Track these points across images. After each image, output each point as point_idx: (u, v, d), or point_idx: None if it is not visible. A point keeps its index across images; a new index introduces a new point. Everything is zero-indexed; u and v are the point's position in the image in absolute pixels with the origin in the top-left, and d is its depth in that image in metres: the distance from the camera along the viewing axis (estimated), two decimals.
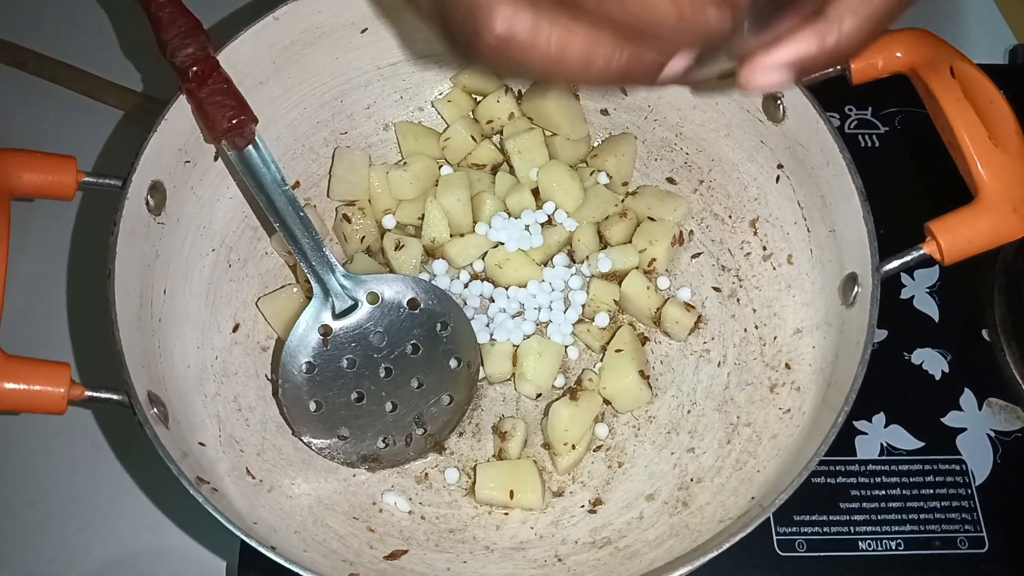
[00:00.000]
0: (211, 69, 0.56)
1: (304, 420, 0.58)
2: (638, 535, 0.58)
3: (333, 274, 0.58)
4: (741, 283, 0.65)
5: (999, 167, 0.53)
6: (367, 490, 0.60)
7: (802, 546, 0.62)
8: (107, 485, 0.67)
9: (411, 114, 0.70)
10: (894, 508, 0.63)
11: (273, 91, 0.63)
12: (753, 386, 0.61)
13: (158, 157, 0.57)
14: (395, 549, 0.58)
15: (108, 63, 0.80)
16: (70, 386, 0.50)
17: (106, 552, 0.66)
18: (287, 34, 0.62)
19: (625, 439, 0.62)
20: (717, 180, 0.67)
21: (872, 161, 0.73)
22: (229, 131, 0.56)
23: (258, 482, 0.58)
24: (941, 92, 0.55)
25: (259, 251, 0.66)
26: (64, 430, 0.68)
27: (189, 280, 0.61)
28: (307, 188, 0.68)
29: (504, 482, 0.59)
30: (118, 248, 0.54)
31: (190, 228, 0.61)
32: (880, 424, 0.66)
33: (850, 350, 0.54)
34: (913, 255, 0.54)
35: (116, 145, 0.77)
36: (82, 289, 0.73)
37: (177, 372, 0.58)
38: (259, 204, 0.57)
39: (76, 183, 0.55)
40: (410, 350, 0.59)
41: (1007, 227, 0.53)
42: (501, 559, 0.58)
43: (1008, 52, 0.83)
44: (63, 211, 0.74)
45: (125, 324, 0.53)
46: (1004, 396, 0.67)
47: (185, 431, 0.55)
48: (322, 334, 0.58)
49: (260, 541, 0.48)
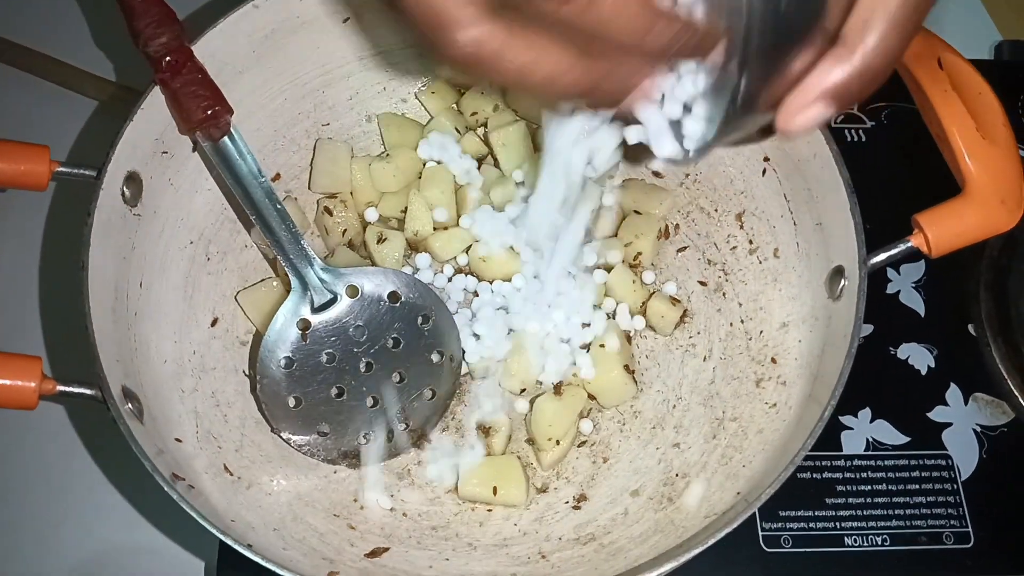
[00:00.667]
0: (185, 59, 0.55)
1: (283, 416, 0.57)
2: (623, 531, 0.57)
3: (312, 267, 0.57)
4: (727, 277, 0.65)
5: (987, 159, 0.53)
6: (348, 487, 0.59)
7: (788, 542, 0.62)
8: (82, 483, 0.66)
9: (394, 105, 0.69)
10: (880, 503, 0.63)
11: (253, 81, 0.62)
12: (739, 380, 0.61)
13: (134, 147, 0.56)
14: (376, 547, 0.57)
15: (82, 52, 0.79)
16: (41, 380, 0.49)
17: (83, 550, 0.64)
18: (267, 22, 0.61)
19: (610, 434, 0.62)
20: (703, 173, 0.66)
21: (859, 156, 0.72)
22: (203, 122, 0.55)
23: (236, 479, 0.57)
24: (929, 84, 0.55)
25: (238, 244, 0.64)
26: (36, 426, 0.67)
27: (166, 273, 0.60)
28: (288, 180, 0.67)
29: (487, 478, 0.58)
30: (92, 240, 0.53)
31: (168, 220, 0.60)
32: (866, 419, 0.66)
33: (836, 344, 0.53)
34: (900, 248, 0.54)
35: (91, 135, 0.76)
36: (55, 282, 0.71)
37: (153, 367, 0.57)
38: (236, 197, 0.56)
39: (49, 173, 0.54)
40: (391, 344, 0.58)
41: (995, 219, 0.53)
42: (484, 556, 0.57)
43: (993, 48, 0.83)
44: (36, 202, 0.73)
45: (99, 317, 0.52)
46: (990, 391, 0.67)
47: (161, 427, 0.54)
48: (301, 328, 0.57)
49: (237, 539, 0.47)
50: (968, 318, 0.69)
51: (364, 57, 0.66)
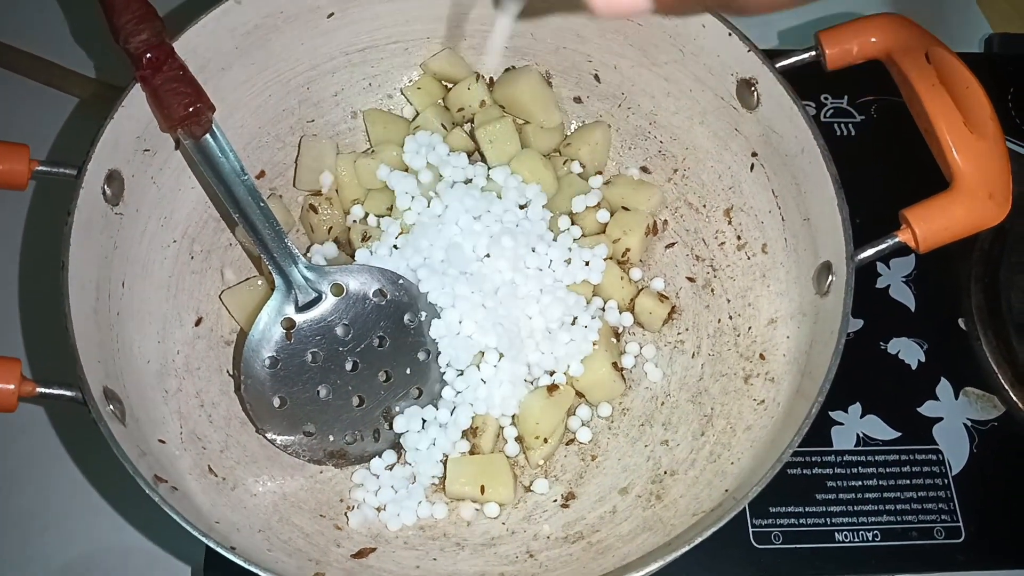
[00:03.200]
0: (166, 56, 0.54)
1: (268, 416, 0.57)
2: (611, 529, 0.57)
3: (296, 266, 0.56)
4: (715, 273, 0.64)
5: (975, 153, 0.52)
6: (334, 487, 0.59)
7: (778, 538, 0.62)
8: (64, 486, 0.65)
9: (380, 101, 0.69)
10: (871, 499, 0.63)
11: (237, 77, 0.62)
12: (727, 377, 0.60)
13: (115, 145, 0.55)
14: (363, 547, 0.56)
15: (62, 49, 0.78)
16: (21, 382, 0.48)
17: (66, 555, 0.64)
18: (251, 18, 0.60)
19: (599, 432, 0.61)
20: (691, 169, 0.66)
21: (847, 150, 0.73)
22: (185, 119, 0.54)
23: (221, 480, 0.56)
24: (916, 78, 0.54)
25: (223, 243, 0.64)
26: (16, 429, 0.66)
27: (149, 272, 0.59)
28: (272, 178, 0.66)
29: (475, 477, 0.58)
30: (73, 239, 0.52)
31: (150, 219, 0.59)
32: (856, 414, 0.66)
33: (825, 340, 0.53)
34: (888, 243, 0.53)
35: (71, 134, 0.75)
36: (35, 282, 0.71)
37: (136, 367, 0.56)
38: (219, 195, 0.55)
39: (29, 172, 0.53)
40: (377, 343, 0.58)
41: (983, 214, 0.52)
42: (472, 555, 0.57)
43: (983, 41, 0.83)
44: (16, 201, 0.72)
45: (80, 317, 0.51)
46: (980, 385, 0.67)
47: (144, 428, 0.53)
48: (285, 328, 0.57)
49: (220, 541, 0.47)
50: (958, 312, 0.69)
51: (349, 53, 0.66)
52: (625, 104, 0.67)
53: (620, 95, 0.67)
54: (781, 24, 0.81)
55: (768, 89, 0.58)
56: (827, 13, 0.75)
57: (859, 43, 0.57)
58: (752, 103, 0.60)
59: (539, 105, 0.66)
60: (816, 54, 0.58)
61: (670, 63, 0.63)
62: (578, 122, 0.69)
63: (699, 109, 0.64)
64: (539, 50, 0.67)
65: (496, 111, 0.67)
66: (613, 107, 0.67)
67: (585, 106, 0.68)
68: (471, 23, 0.66)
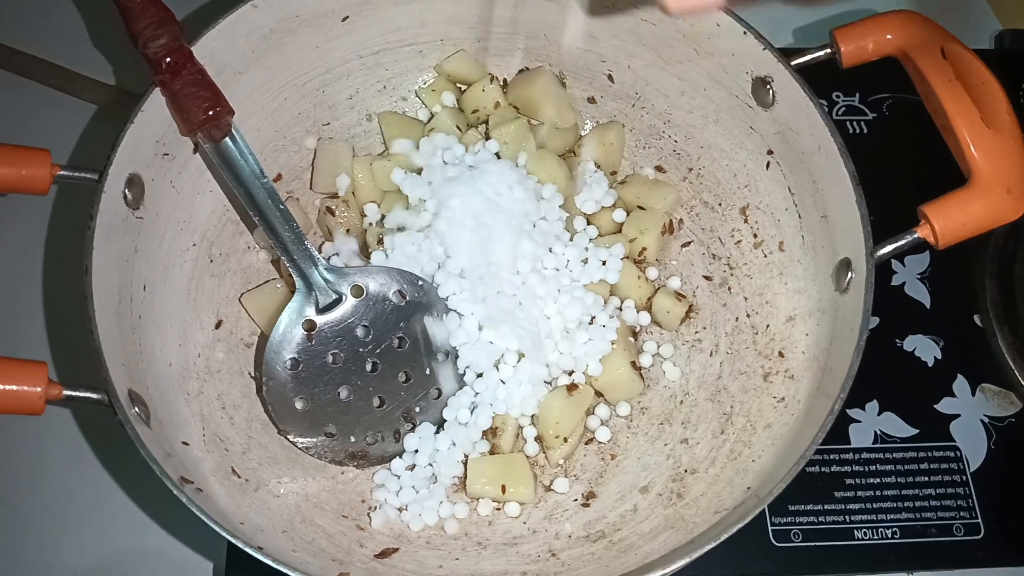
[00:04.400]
0: (184, 60, 0.54)
1: (289, 418, 0.57)
2: (632, 528, 0.57)
3: (316, 268, 0.56)
4: (732, 271, 0.64)
5: (992, 148, 0.52)
6: (356, 487, 0.59)
7: (798, 536, 0.62)
8: (89, 487, 0.66)
9: (394, 104, 0.69)
10: (889, 496, 0.63)
11: (253, 81, 0.62)
12: (746, 375, 0.60)
13: (135, 149, 0.56)
14: (386, 547, 0.56)
15: (80, 57, 0.78)
16: (47, 385, 0.48)
17: (90, 556, 0.64)
18: (266, 22, 0.60)
19: (618, 431, 0.62)
20: (706, 167, 0.66)
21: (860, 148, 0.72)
22: (204, 123, 0.54)
23: (244, 481, 0.56)
24: (932, 74, 0.54)
25: (242, 245, 0.64)
26: (42, 431, 0.67)
27: (170, 276, 0.60)
28: (289, 181, 0.67)
29: (496, 476, 0.58)
30: (95, 243, 0.52)
31: (170, 222, 0.60)
32: (873, 412, 0.66)
33: (845, 336, 0.53)
34: (907, 239, 0.54)
35: (90, 140, 0.75)
36: (59, 286, 0.71)
37: (159, 370, 0.56)
38: (238, 198, 0.55)
39: (51, 177, 0.53)
40: (396, 343, 0.58)
41: (1001, 209, 0.52)
42: (494, 555, 0.57)
43: (994, 37, 0.83)
44: (38, 206, 0.72)
45: (104, 321, 0.51)
46: (997, 381, 0.67)
47: (168, 430, 0.54)
48: (306, 329, 0.57)
49: (247, 541, 0.47)
50: (974, 308, 0.69)
51: (364, 56, 0.66)
52: (639, 104, 0.67)
53: (634, 95, 0.67)
54: (796, 22, 0.81)
55: (784, 87, 0.58)
56: (841, 11, 0.75)
57: (874, 40, 0.57)
58: (768, 101, 0.60)
59: (553, 105, 0.66)
60: (831, 51, 0.58)
61: (684, 62, 0.63)
62: (592, 122, 0.69)
63: (714, 108, 0.64)
64: (553, 51, 0.67)
65: (511, 112, 0.67)
66: (627, 107, 0.68)
67: (599, 106, 0.68)
68: (495, 24, 0.66)
